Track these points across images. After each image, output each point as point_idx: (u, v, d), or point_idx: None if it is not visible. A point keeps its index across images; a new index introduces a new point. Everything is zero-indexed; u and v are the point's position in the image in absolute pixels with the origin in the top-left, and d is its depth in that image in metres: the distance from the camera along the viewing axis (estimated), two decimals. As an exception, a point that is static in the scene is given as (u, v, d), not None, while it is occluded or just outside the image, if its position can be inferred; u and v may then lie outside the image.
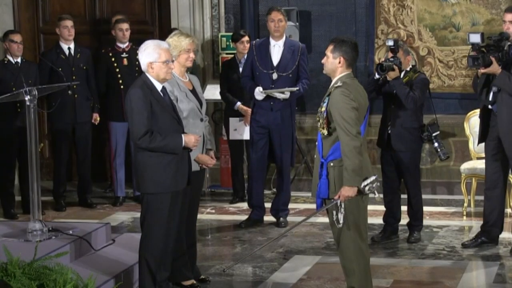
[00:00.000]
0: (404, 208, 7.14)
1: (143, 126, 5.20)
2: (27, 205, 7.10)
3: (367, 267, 5.20)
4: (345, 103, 4.99)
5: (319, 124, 5.17)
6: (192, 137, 5.35)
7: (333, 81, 5.15)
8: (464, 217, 7.83)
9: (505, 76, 6.46)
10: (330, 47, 5.13)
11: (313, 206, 8.28)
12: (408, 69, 6.95)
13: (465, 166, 7.97)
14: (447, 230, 7.39)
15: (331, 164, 5.06)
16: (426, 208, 7.33)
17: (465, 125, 8.17)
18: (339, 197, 5.00)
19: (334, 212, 5.06)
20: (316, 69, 8.84)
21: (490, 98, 6.61)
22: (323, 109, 5.10)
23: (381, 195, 5.30)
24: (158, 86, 5.35)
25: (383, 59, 6.99)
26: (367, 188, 5.03)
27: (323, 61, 5.20)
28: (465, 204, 7.90)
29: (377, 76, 6.86)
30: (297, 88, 7.46)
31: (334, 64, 5.12)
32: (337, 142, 5.04)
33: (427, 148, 8.53)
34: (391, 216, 7.12)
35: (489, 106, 6.66)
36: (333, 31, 8.87)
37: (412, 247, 6.90)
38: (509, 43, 6.56)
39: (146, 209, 5.38)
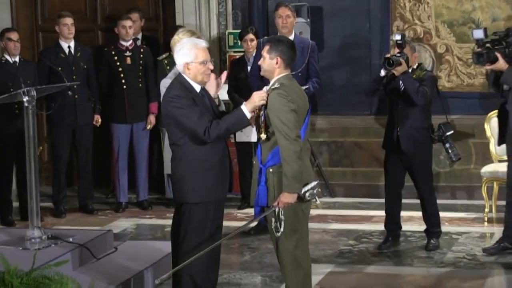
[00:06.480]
0: (418, 214, 7.08)
1: (203, 121, 5.09)
2: (25, 212, 7.06)
3: (306, 279, 5.21)
4: (283, 105, 4.97)
5: (256, 128, 5.16)
6: (254, 95, 5.08)
7: (271, 83, 5.13)
8: (485, 223, 7.80)
9: None
10: (266, 48, 5.12)
11: (325, 211, 8.33)
12: (414, 67, 6.93)
13: (486, 169, 7.95)
14: (468, 237, 7.36)
15: (270, 170, 5.08)
16: (445, 214, 7.32)
17: (486, 126, 8.15)
18: (278, 204, 5.00)
19: (273, 220, 5.07)
20: (328, 67, 8.85)
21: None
22: (261, 112, 5.08)
23: (321, 200, 5.32)
24: (197, 88, 5.24)
25: (389, 55, 6.94)
26: (307, 194, 5.05)
27: (259, 62, 5.19)
28: (486, 210, 7.87)
29: (383, 73, 6.83)
30: (307, 87, 7.44)
31: (271, 65, 5.10)
32: (276, 146, 5.03)
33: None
34: (393, 222, 7.09)
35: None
36: (346, 27, 8.87)
37: (431, 255, 6.87)
38: None
39: (187, 221, 5.26)
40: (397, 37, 6.83)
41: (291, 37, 7.55)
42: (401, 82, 6.75)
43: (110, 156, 9.01)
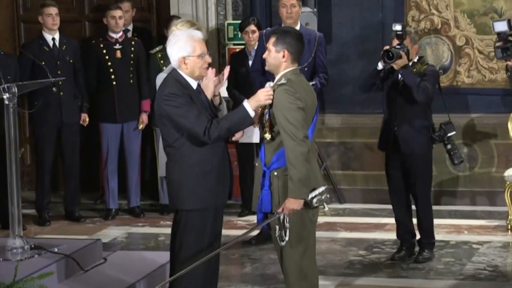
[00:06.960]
0: (435, 221, 7.10)
1: (202, 121, 5.09)
2: (6, 219, 7.07)
3: None
4: (290, 103, 4.98)
5: (260, 127, 5.16)
6: (260, 93, 5.09)
7: (276, 78, 5.14)
8: (509, 232, 7.80)
9: None
10: (272, 40, 5.12)
11: (334, 219, 8.32)
12: (415, 60, 6.93)
13: (510, 172, 7.95)
14: (489, 247, 7.37)
15: (275, 173, 5.08)
16: (464, 221, 7.34)
17: (509, 125, 8.14)
18: (282, 210, 5.00)
19: (277, 228, 5.07)
20: (337, 61, 8.84)
21: None
22: (265, 110, 5.08)
23: (329, 206, 5.30)
24: (193, 84, 5.23)
25: (387, 47, 6.92)
26: (315, 200, 5.05)
27: (264, 56, 5.19)
28: (510, 217, 7.87)
29: (380, 66, 6.84)
30: (313, 83, 7.46)
31: (277, 58, 5.10)
32: (281, 148, 5.04)
33: (466, 151, 8.50)
34: (406, 231, 7.08)
35: None
36: (356, 18, 8.87)
37: (448, 267, 6.87)
38: None
39: (183, 229, 5.26)
40: (397, 27, 6.85)
41: (296, 28, 7.55)
42: (400, 76, 6.76)
43: (98, 158, 9.01)
